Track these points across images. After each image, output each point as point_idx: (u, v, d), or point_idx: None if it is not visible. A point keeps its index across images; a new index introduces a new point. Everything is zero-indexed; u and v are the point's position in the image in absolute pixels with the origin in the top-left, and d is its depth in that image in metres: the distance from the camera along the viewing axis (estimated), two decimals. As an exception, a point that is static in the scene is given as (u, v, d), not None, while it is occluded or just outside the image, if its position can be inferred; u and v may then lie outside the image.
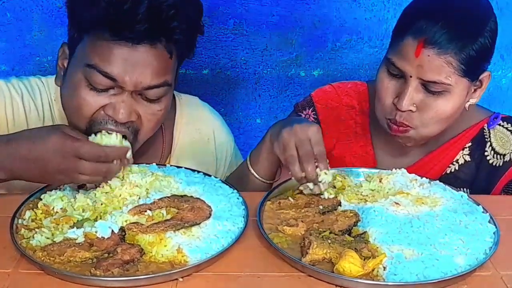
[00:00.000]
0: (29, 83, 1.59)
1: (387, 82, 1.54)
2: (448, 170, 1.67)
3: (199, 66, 2.34)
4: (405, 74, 1.49)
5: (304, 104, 1.77)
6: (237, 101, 2.44)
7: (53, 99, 1.58)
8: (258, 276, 1.16)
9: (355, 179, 1.48)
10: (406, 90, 1.49)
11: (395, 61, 1.51)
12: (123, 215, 1.25)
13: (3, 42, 2.24)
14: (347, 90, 1.76)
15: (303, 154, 1.34)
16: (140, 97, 1.42)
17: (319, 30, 2.32)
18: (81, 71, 1.40)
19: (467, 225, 1.29)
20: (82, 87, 1.40)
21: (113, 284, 1.12)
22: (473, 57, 1.45)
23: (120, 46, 1.36)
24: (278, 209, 1.35)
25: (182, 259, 1.15)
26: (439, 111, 1.51)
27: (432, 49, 1.44)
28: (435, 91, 1.49)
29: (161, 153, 1.66)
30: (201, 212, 1.26)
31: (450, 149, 1.67)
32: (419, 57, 1.45)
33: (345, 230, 1.27)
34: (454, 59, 1.45)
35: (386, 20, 2.32)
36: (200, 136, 1.71)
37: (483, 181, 1.66)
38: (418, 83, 1.49)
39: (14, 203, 1.30)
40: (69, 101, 1.45)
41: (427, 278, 1.13)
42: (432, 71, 1.46)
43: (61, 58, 1.50)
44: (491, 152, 1.66)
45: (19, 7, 2.20)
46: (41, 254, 1.15)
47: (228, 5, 2.26)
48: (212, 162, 1.74)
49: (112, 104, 1.40)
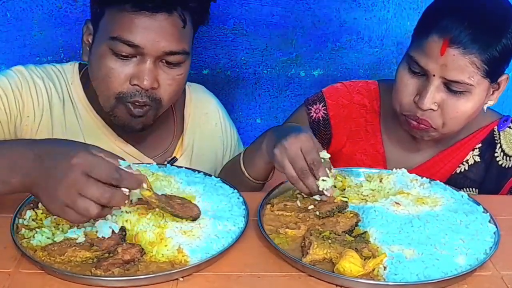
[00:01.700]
0: (45, 69, 1.66)
1: (407, 79, 1.55)
2: (458, 170, 1.69)
3: (199, 66, 2.34)
4: (428, 72, 1.49)
5: (315, 99, 1.78)
6: (237, 101, 2.44)
7: (70, 83, 1.65)
8: (258, 276, 1.16)
9: (356, 179, 1.48)
10: (428, 89, 1.49)
11: (418, 59, 1.50)
12: (123, 215, 1.25)
13: (3, 42, 2.24)
14: (358, 88, 1.77)
15: (298, 171, 1.33)
16: (161, 64, 1.51)
17: (319, 30, 2.32)
18: (106, 43, 1.48)
19: (467, 225, 1.29)
20: (108, 57, 1.49)
21: (114, 284, 1.11)
22: (496, 58, 1.46)
23: (140, 16, 1.45)
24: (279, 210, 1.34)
25: (183, 259, 1.15)
26: (460, 111, 1.52)
27: (457, 49, 1.45)
28: (457, 91, 1.49)
29: (173, 132, 1.74)
30: (189, 210, 1.24)
31: (461, 149, 1.69)
32: (444, 56, 1.45)
33: (347, 231, 1.27)
34: (478, 59, 1.45)
35: (386, 20, 2.32)
36: (208, 120, 1.80)
37: (492, 182, 1.68)
38: (441, 82, 1.49)
39: (15, 203, 1.29)
40: (97, 72, 1.52)
41: (427, 278, 1.13)
42: (456, 70, 1.46)
43: (85, 34, 1.58)
44: (500, 154, 1.67)
45: (19, 7, 2.20)
46: (41, 254, 1.15)
47: (228, 5, 2.26)
48: (220, 147, 1.83)
49: (136, 73, 1.48)
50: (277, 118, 2.44)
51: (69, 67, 1.68)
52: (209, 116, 1.81)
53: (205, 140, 1.78)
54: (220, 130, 1.83)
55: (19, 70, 1.61)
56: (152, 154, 1.68)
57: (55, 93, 1.62)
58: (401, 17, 2.33)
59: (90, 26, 1.57)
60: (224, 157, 1.83)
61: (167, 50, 1.48)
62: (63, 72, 1.67)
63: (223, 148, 1.83)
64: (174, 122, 1.74)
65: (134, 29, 1.46)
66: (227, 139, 1.84)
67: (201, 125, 1.78)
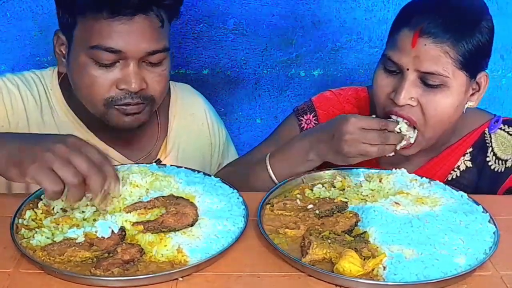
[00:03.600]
0: (23, 76, 1.65)
1: (382, 79, 1.52)
2: (450, 177, 1.65)
3: (199, 66, 2.34)
4: (402, 67, 1.47)
5: (305, 109, 1.76)
6: (237, 101, 2.44)
7: (49, 88, 1.64)
8: (258, 276, 1.16)
9: (355, 179, 1.48)
10: (403, 84, 1.46)
11: (392, 56, 1.49)
12: (123, 215, 1.25)
13: (3, 42, 2.24)
14: (348, 97, 1.75)
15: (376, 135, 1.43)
16: (145, 64, 1.50)
17: (319, 30, 2.33)
18: (85, 53, 1.47)
19: (467, 225, 1.29)
20: (89, 67, 1.47)
21: (113, 284, 1.11)
22: (470, 50, 1.44)
23: (117, 21, 1.44)
24: (279, 210, 1.34)
25: (182, 259, 1.15)
26: (439, 107, 1.47)
27: (428, 38, 1.43)
28: (433, 84, 1.46)
29: (157, 134, 1.72)
30: (184, 219, 1.24)
31: (452, 155, 1.65)
32: (416, 47, 1.44)
33: (347, 231, 1.27)
34: (451, 49, 1.43)
35: (386, 20, 2.32)
36: (194, 120, 1.79)
37: (485, 187, 1.63)
38: (416, 76, 1.46)
39: (14, 203, 1.29)
40: (80, 82, 1.51)
41: (427, 278, 1.13)
42: (429, 61, 1.44)
43: (57, 45, 1.56)
44: (492, 158, 1.63)
45: (19, 7, 2.21)
46: (41, 253, 1.15)
47: (228, 5, 2.27)
48: (207, 147, 1.82)
49: (122, 78, 1.48)
50: (277, 118, 2.44)
51: (48, 73, 1.66)
52: (196, 116, 1.80)
53: (192, 140, 1.77)
54: (207, 130, 1.82)
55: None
56: (135, 157, 1.67)
57: (32, 99, 1.61)
58: (401, 17, 2.33)
59: (61, 36, 1.54)
60: (212, 157, 1.83)
61: (149, 50, 1.48)
62: (42, 78, 1.65)
63: (211, 148, 1.83)
64: (157, 124, 1.73)
65: (114, 35, 1.44)
66: (215, 138, 1.83)
67: (187, 125, 1.77)
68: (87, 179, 1.15)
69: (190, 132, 1.77)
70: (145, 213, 1.26)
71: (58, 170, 1.13)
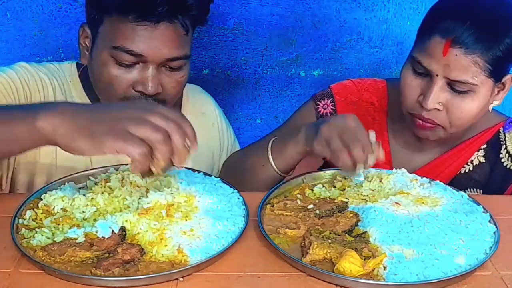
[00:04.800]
0: (47, 66, 1.68)
1: (411, 80, 1.55)
2: (462, 170, 1.68)
3: (199, 66, 2.34)
4: (431, 72, 1.50)
5: (323, 94, 1.78)
6: (237, 101, 2.44)
7: (68, 80, 1.67)
8: (258, 276, 1.16)
9: (356, 179, 1.48)
10: (431, 89, 1.50)
11: (421, 60, 1.51)
12: (123, 215, 1.25)
13: (3, 42, 2.24)
14: (366, 86, 1.77)
15: (348, 140, 1.36)
16: (164, 69, 1.53)
17: (319, 30, 2.33)
18: (108, 52, 1.50)
19: (467, 225, 1.29)
20: (110, 65, 1.51)
21: (114, 284, 1.11)
22: (499, 57, 1.46)
23: (142, 26, 1.47)
24: (279, 209, 1.34)
25: (183, 259, 1.15)
26: (465, 111, 1.52)
27: (460, 49, 1.45)
28: (461, 91, 1.49)
29: None
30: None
31: (466, 150, 1.68)
32: (446, 56, 1.46)
33: (347, 231, 1.27)
34: (481, 59, 1.45)
35: (386, 20, 2.32)
36: (205, 120, 1.82)
37: (496, 183, 1.67)
38: (444, 82, 1.49)
39: (15, 203, 1.29)
40: (100, 78, 1.55)
41: (427, 278, 1.13)
42: (459, 70, 1.46)
43: (82, 37, 1.59)
44: (506, 155, 1.67)
45: (19, 7, 2.20)
46: (41, 253, 1.15)
47: (228, 5, 2.27)
48: (217, 147, 1.84)
49: (140, 80, 1.51)
50: (277, 118, 2.45)
51: (67, 66, 1.70)
52: (206, 116, 1.82)
53: (202, 140, 1.76)
54: (217, 130, 1.84)
55: (24, 66, 1.62)
56: None
57: (59, 89, 1.64)
58: (401, 17, 2.34)
59: (87, 29, 1.57)
60: (221, 157, 1.84)
61: (169, 57, 1.51)
62: (61, 70, 1.68)
63: (220, 148, 1.84)
64: None
65: (137, 39, 1.47)
66: (224, 138, 1.85)
67: (199, 125, 1.77)
68: (170, 135, 1.11)
69: (201, 131, 1.76)
70: (146, 214, 1.26)
71: (138, 131, 1.08)
